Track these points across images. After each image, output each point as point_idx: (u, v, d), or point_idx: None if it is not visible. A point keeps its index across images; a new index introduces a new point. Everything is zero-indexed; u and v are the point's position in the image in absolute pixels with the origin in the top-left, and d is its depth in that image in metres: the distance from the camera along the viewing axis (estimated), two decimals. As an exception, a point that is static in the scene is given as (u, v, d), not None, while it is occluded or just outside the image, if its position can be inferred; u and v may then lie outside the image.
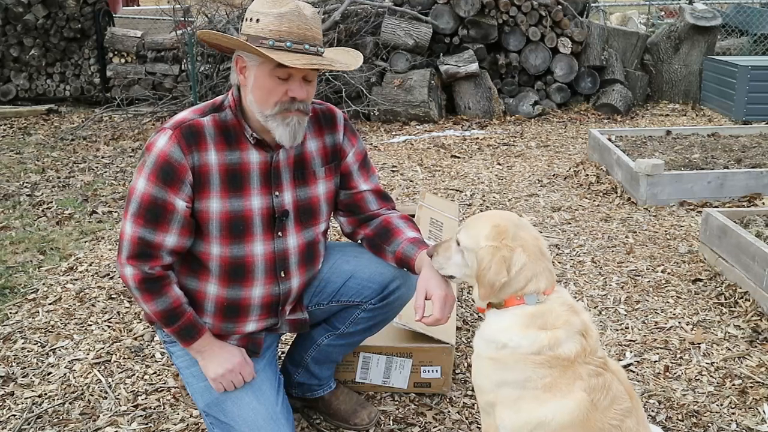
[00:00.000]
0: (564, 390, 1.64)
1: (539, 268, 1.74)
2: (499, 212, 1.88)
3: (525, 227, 1.80)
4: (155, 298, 1.93)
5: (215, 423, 2.05)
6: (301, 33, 1.82)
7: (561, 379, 1.65)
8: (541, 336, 1.68)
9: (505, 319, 1.74)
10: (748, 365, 2.70)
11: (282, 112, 1.88)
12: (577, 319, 1.72)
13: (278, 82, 1.86)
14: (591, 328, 1.74)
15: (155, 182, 1.86)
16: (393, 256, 2.11)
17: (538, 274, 1.73)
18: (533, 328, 1.69)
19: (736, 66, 7.08)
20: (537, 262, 1.74)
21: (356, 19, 7.49)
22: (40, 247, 4.02)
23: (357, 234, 2.22)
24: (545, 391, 1.65)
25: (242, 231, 1.96)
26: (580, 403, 1.62)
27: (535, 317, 1.71)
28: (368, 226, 2.19)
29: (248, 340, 2.09)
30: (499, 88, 7.53)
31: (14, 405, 2.53)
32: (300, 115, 1.91)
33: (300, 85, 1.87)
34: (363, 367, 2.52)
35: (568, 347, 1.67)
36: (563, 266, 3.61)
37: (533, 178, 5.22)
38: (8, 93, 8.45)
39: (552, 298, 1.74)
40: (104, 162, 5.97)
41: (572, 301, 1.78)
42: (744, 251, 3.21)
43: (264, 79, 1.87)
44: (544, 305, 1.72)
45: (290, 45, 1.81)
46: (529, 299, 1.72)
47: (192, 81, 7.07)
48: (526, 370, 1.67)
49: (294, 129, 1.90)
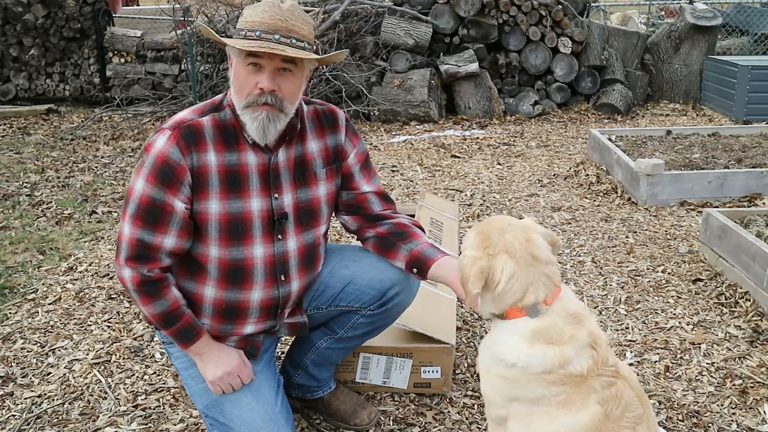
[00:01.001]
0: (579, 405, 1.60)
1: (534, 275, 1.66)
2: (494, 218, 1.82)
3: (514, 230, 1.71)
4: (153, 300, 1.91)
5: (215, 424, 2.04)
6: (273, 23, 1.80)
7: (575, 395, 1.61)
8: (549, 353, 1.62)
9: (512, 336, 1.67)
10: (749, 365, 2.69)
11: (252, 105, 1.85)
12: (583, 332, 1.65)
13: (251, 72, 1.84)
14: (599, 337, 1.68)
15: (154, 183, 1.85)
16: (408, 254, 2.07)
17: (533, 281, 1.66)
18: (539, 343, 1.64)
19: (736, 66, 7.07)
20: (529, 269, 1.66)
21: (356, 18, 7.48)
22: (39, 247, 4.02)
23: (365, 231, 2.18)
24: (559, 407, 1.62)
25: (241, 233, 1.95)
26: (593, 416, 1.59)
27: (539, 333, 1.64)
28: (379, 225, 2.15)
29: (246, 342, 2.08)
30: (499, 87, 7.52)
31: (14, 405, 2.53)
32: (270, 110, 1.86)
33: (270, 77, 1.83)
34: (363, 367, 2.51)
35: (580, 364, 1.62)
36: (563, 266, 3.61)
37: (533, 178, 5.21)
38: (8, 93, 8.44)
39: (555, 308, 1.67)
40: (104, 162, 5.97)
41: (576, 308, 1.70)
42: (744, 251, 3.21)
43: (239, 70, 1.86)
44: (546, 318, 1.65)
45: (259, 34, 1.79)
46: (530, 311, 1.66)
47: (192, 81, 7.07)
48: (539, 388, 1.62)
49: (263, 124, 1.86)
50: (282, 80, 1.86)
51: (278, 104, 1.86)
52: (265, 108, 1.85)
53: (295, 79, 1.89)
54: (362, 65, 7.18)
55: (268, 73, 1.83)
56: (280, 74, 1.86)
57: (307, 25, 1.87)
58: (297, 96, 1.93)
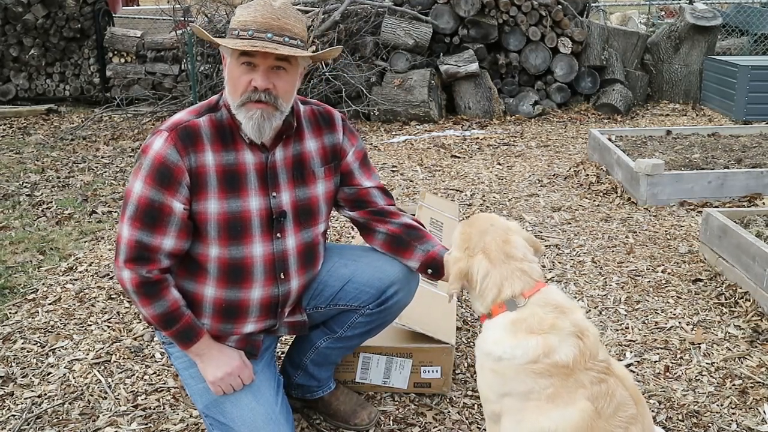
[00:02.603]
0: (567, 399, 1.61)
1: (507, 270, 1.73)
2: (480, 217, 1.87)
3: (494, 231, 1.79)
4: (153, 301, 1.92)
5: (215, 424, 2.04)
6: (265, 22, 1.81)
7: (563, 388, 1.62)
8: (532, 342, 1.64)
9: (495, 330, 1.73)
10: (749, 365, 2.69)
11: (246, 104, 1.86)
12: (565, 321, 1.67)
13: (244, 71, 1.85)
14: (587, 328, 1.68)
15: (152, 185, 1.86)
16: (424, 254, 2.10)
17: (507, 277, 1.72)
18: (521, 333, 1.67)
19: (736, 66, 7.07)
20: (503, 266, 1.73)
21: (356, 18, 7.48)
22: (39, 247, 4.02)
23: (374, 225, 2.17)
24: (548, 401, 1.62)
25: (240, 232, 1.95)
26: (583, 413, 1.59)
27: (518, 323, 1.68)
28: (389, 222, 2.16)
29: (247, 341, 2.08)
30: (499, 88, 7.53)
31: (14, 405, 2.53)
32: (265, 108, 1.86)
33: (264, 75, 1.84)
34: (363, 367, 2.52)
35: (565, 353, 1.63)
36: (563, 266, 3.61)
37: (533, 178, 5.21)
38: (8, 93, 8.44)
39: (534, 300, 1.71)
40: (104, 162, 5.97)
41: (560, 300, 1.73)
42: (744, 251, 3.21)
43: (233, 69, 1.87)
44: (525, 309, 1.70)
45: (252, 33, 1.80)
46: (509, 305, 1.71)
47: (192, 81, 7.07)
48: (528, 381, 1.64)
49: (258, 122, 1.87)
50: (276, 78, 1.87)
51: (273, 101, 1.87)
52: (260, 106, 1.86)
53: (289, 77, 1.90)
54: (362, 65, 7.18)
55: (261, 72, 1.84)
56: (274, 72, 1.86)
57: (299, 23, 1.88)
58: (292, 93, 1.94)
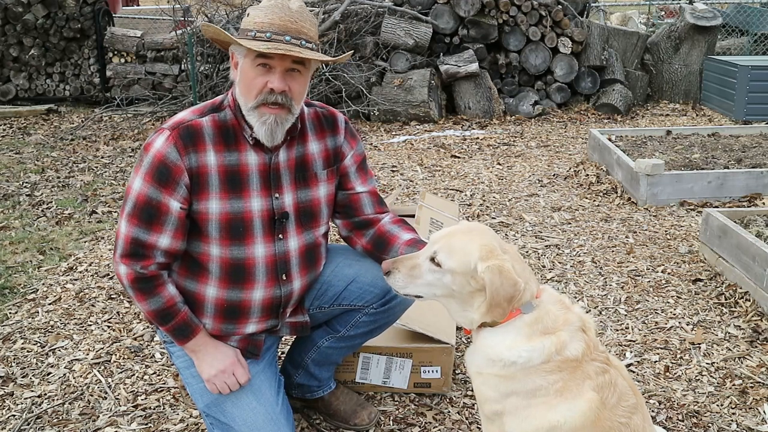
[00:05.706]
0: (575, 391, 1.62)
1: (526, 272, 1.72)
2: (471, 228, 1.80)
3: (498, 237, 1.79)
4: (148, 297, 1.93)
5: (215, 423, 2.05)
6: (282, 24, 1.82)
7: (571, 381, 1.63)
8: (547, 343, 1.64)
9: (508, 336, 1.68)
10: (749, 365, 2.69)
11: (260, 106, 1.87)
12: (573, 315, 1.70)
13: (260, 73, 1.85)
14: (587, 321, 1.72)
15: (150, 182, 1.87)
16: None
17: (528, 279, 1.70)
18: (537, 336, 1.66)
19: (736, 66, 7.07)
20: (524, 268, 1.72)
21: (356, 19, 7.48)
22: (39, 247, 4.02)
23: (354, 242, 2.21)
24: (557, 395, 1.63)
25: (242, 233, 1.95)
26: (591, 404, 1.61)
27: (535, 324, 1.67)
28: (364, 236, 2.17)
29: (248, 341, 2.08)
30: (499, 88, 7.53)
31: (14, 405, 2.53)
32: (279, 112, 1.88)
33: (280, 77, 1.85)
34: (363, 367, 2.52)
35: (575, 347, 1.65)
36: (563, 266, 3.61)
37: (533, 178, 5.21)
38: (8, 93, 8.44)
39: (543, 299, 1.72)
40: (104, 162, 5.97)
41: (560, 296, 1.76)
42: (744, 251, 3.21)
43: (248, 71, 1.87)
44: (540, 309, 1.69)
45: (269, 36, 1.81)
46: (525, 308, 1.69)
47: (192, 81, 7.07)
48: (537, 379, 1.64)
49: (271, 127, 1.88)
50: (291, 80, 1.88)
51: (288, 104, 1.89)
52: (275, 110, 1.87)
53: (302, 80, 1.92)
54: (362, 65, 7.18)
55: (278, 74, 1.85)
56: (289, 75, 1.87)
57: (313, 27, 1.90)
58: (304, 96, 1.96)
